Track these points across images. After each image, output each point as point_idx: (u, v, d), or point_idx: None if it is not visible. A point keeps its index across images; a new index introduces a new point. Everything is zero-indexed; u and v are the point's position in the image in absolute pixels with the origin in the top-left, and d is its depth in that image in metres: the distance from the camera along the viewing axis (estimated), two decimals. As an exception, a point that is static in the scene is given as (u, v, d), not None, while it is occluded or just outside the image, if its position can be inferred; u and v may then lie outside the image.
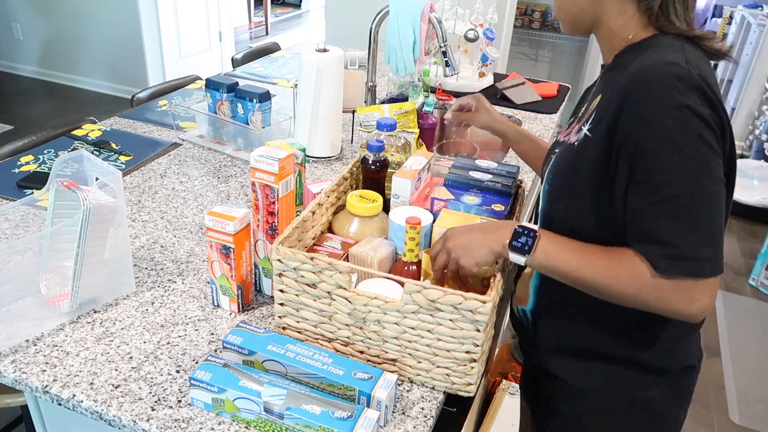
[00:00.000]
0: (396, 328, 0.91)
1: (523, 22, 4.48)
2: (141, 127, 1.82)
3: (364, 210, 1.09)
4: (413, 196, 1.12)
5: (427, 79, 2.14)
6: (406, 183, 1.10)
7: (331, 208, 1.13)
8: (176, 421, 0.86)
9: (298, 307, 0.96)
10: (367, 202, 1.09)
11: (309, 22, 7.62)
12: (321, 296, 0.93)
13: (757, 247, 3.33)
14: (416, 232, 0.95)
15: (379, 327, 0.92)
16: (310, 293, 0.94)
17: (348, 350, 0.97)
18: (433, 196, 1.12)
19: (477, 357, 0.89)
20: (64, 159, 1.10)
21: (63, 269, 1.04)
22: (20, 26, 4.79)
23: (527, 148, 1.34)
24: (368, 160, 1.17)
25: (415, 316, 0.89)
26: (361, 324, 0.93)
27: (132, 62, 4.52)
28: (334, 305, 0.93)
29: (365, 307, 0.91)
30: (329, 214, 1.13)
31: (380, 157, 1.16)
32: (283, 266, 0.94)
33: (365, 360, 0.96)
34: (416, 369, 0.94)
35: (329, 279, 0.91)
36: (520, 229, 0.88)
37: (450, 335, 0.88)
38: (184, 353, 0.98)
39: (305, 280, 0.93)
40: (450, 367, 0.91)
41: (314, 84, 1.54)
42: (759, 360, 2.52)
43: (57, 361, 0.95)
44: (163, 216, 1.36)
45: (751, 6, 4.93)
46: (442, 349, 0.90)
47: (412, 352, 0.92)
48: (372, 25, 1.79)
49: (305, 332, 0.98)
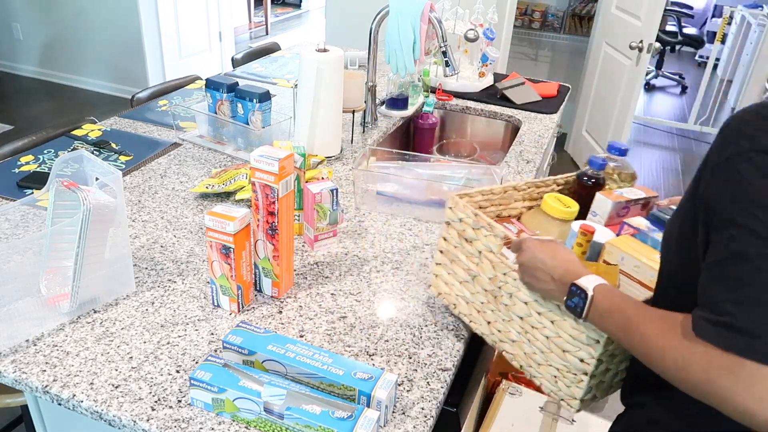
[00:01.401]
0: (524, 307, 0.92)
1: (523, 22, 4.47)
2: (141, 127, 1.82)
3: (556, 211, 1.09)
4: (611, 219, 1.08)
5: (427, 79, 2.14)
6: (606, 203, 1.08)
7: (521, 201, 1.16)
8: (176, 421, 0.86)
9: (452, 258, 1.04)
10: (562, 206, 1.09)
11: (309, 22, 7.62)
12: (473, 254, 0.99)
13: (757, 247, 3.33)
14: (585, 240, 0.95)
15: (510, 302, 0.94)
16: (465, 249, 1.01)
17: (478, 318, 1.02)
18: (626, 221, 1.06)
19: (589, 371, 0.85)
20: (64, 159, 1.10)
21: (63, 269, 1.04)
22: (20, 26, 4.79)
23: None
24: (585, 174, 1.16)
25: (545, 302, 0.89)
26: (497, 293, 0.96)
27: (132, 62, 4.52)
28: (480, 267, 0.98)
29: (504, 276, 0.94)
30: (520, 205, 1.17)
31: (598, 174, 1.15)
32: (452, 215, 1.02)
33: (489, 333, 1.01)
34: (530, 358, 0.94)
35: (484, 239, 0.96)
36: (574, 288, 0.80)
37: (570, 335, 0.87)
38: (184, 353, 0.98)
39: (465, 234, 1.00)
40: (561, 369, 0.89)
41: (314, 84, 1.54)
42: (759, 360, 2.52)
43: (57, 361, 0.95)
44: (163, 216, 1.36)
45: (751, 6, 4.93)
46: (558, 346, 0.89)
47: (531, 339, 0.92)
48: (372, 25, 1.79)
49: (450, 286, 1.06)
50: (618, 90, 3.56)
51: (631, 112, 3.42)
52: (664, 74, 5.99)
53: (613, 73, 3.63)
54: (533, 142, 1.90)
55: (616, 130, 3.55)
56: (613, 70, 3.63)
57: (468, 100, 2.21)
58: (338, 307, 1.11)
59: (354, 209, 1.45)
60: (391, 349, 1.02)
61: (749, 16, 5.06)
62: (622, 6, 3.55)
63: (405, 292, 1.16)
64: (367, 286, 1.17)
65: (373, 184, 1.43)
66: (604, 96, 3.75)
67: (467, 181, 1.46)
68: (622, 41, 3.48)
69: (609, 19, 3.73)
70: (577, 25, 4.41)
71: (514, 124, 2.14)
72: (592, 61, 3.98)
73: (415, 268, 1.24)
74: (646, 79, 5.83)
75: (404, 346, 1.03)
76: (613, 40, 3.65)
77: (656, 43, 3.22)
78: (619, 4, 3.59)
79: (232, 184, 1.42)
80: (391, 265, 1.24)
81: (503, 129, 2.17)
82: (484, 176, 1.48)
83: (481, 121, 2.18)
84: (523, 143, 1.89)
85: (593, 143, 3.90)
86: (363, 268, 1.23)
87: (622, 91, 3.50)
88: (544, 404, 1.70)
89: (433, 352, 1.02)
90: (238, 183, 1.42)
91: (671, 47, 5.96)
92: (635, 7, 3.36)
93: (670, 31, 5.81)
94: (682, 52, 7.11)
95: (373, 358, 1.00)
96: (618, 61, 3.57)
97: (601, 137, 3.79)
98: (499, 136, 2.19)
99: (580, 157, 4.13)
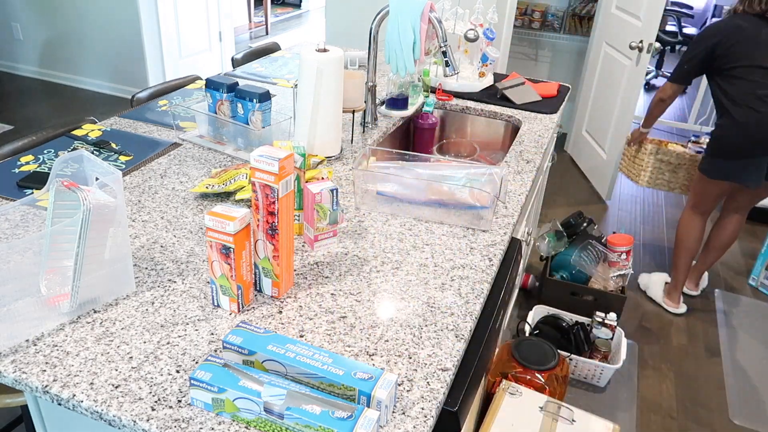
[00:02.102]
0: None
1: (523, 22, 4.47)
2: (141, 127, 1.82)
3: None
4: None
5: (427, 79, 2.14)
6: None
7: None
8: (176, 421, 0.86)
9: None
10: None
11: (309, 22, 7.61)
12: None
13: (757, 247, 3.33)
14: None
15: None
16: None
17: None
18: None
19: None
20: (64, 159, 1.10)
21: (63, 269, 1.04)
22: (20, 26, 4.79)
23: None
24: None
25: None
26: None
27: (132, 62, 4.52)
28: None
29: None
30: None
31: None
32: None
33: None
34: None
35: None
36: None
37: None
38: (184, 353, 0.98)
39: None
40: None
41: (314, 84, 1.54)
42: (759, 360, 2.52)
43: (57, 361, 0.95)
44: (163, 216, 1.36)
45: (751, 6, 4.92)
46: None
47: None
48: (372, 25, 1.79)
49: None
50: (618, 90, 3.56)
51: (631, 112, 3.42)
52: (664, 74, 6.00)
53: (613, 73, 3.63)
54: (533, 142, 1.90)
55: (617, 131, 3.55)
56: (613, 70, 3.63)
57: (468, 100, 2.21)
58: (338, 307, 1.11)
59: (354, 209, 1.45)
60: (391, 349, 1.02)
61: (749, 16, 5.05)
62: (622, 6, 3.55)
63: (405, 292, 1.16)
64: (367, 286, 1.17)
65: (373, 184, 1.43)
66: (605, 96, 3.75)
67: (467, 181, 1.46)
68: (622, 41, 3.48)
69: (609, 19, 3.73)
70: (577, 25, 4.41)
71: (514, 124, 2.14)
72: (592, 61, 3.98)
73: (415, 268, 1.24)
74: (646, 78, 5.83)
75: (404, 346, 1.03)
76: (613, 40, 3.65)
77: (656, 43, 3.22)
78: (619, 4, 3.59)
79: (232, 184, 1.42)
80: (391, 265, 1.24)
81: (503, 129, 2.17)
82: (484, 176, 1.48)
83: (481, 121, 2.18)
84: (523, 143, 1.89)
85: (593, 143, 3.90)
86: (363, 268, 1.23)
87: (623, 91, 3.50)
88: (544, 404, 1.70)
89: (433, 352, 1.02)
90: (238, 183, 1.42)
91: (671, 47, 5.96)
92: (635, 7, 3.36)
93: (670, 31, 5.82)
94: (682, 52, 7.11)
95: (373, 358, 1.00)
96: (618, 61, 3.57)
97: (601, 137, 3.79)
98: (499, 136, 2.19)
99: (580, 156, 4.13)
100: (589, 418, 1.70)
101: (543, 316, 2.39)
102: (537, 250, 2.77)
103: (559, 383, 1.93)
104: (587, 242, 2.57)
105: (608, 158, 3.65)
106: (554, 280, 2.59)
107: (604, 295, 2.51)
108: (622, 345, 2.29)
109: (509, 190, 1.59)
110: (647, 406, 2.25)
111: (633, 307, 2.78)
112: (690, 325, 2.70)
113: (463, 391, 1.04)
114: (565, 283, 2.56)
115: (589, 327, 2.32)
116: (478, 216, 1.39)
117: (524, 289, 2.82)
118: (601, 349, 2.28)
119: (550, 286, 2.59)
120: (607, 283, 2.54)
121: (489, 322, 1.19)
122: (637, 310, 2.77)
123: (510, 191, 1.58)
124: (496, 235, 1.37)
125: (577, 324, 2.31)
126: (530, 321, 2.42)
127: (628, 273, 2.55)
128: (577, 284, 2.55)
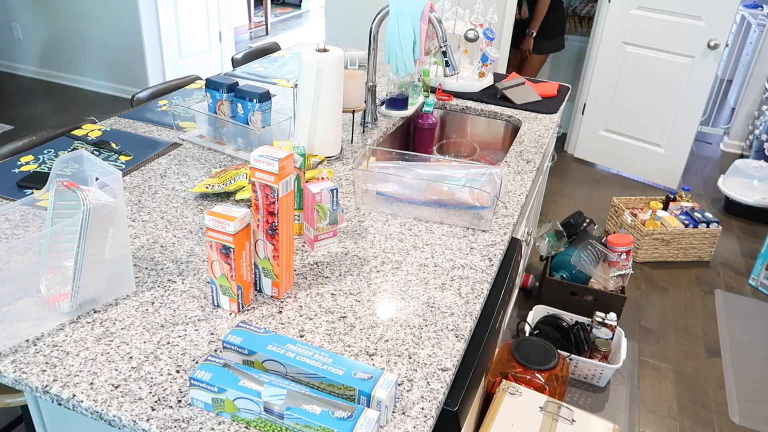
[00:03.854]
0: None
1: (523, 22, 4.47)
2: (141, 127, 1.82)
3: None
4: None
5: (427, 79, 2.14)
6: None
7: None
8: (176, 421, 0.86)
9: None
10: None
11: (309, 22, 7.62)
12: None
13: (757, 247, 3.33)
14: None
15: None
16: None
17: None
18: None
19: None
20: (64, 159, 1.10)
21: (63, 269, 1.04)
22: (20, 26, 4.79)
23: None
24: None
25: None
26: None
27: (132, 62, 4.52)
28: None
29: None
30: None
31: None
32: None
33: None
34: None
35: None
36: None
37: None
38: (184, 353, 0.98)
39: None
40: None
41: (314, 84, 1.54)
42: (759, 360, 2.52)
43: (57, 361, 0.95)
44: (163, 216, 1.36)
45: (751, 6, 4.92)
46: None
47: None
48: (372, 25, 1.79)
49: None
50: (670, 89, 3.72)
51: (699, 109, 3.64)
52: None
53: (660, 73, 3.77)
54: (533, 142, 1.90)
55: (676, 127, 3.73)
56: (658, 70, 3.77)
57: (468, 100, 2.21)
58: (338, 307, 1.11)
59: (354, 209, 1.45)
60: (391, 349, 1.02)
61: (749, 16, 5.06)
62: (657, 6, 3.65)
63: (405, 292, 1.16)
64: (367, 286, 1.17)
65: (373, 184, 1.43)
66: (638, 95, 3.86)
67: (467, 181, 1.46)
68: (667, 42, 3.63)
69: (625, 20, 3.74)
70: (577, 25, 4.41)
71: (514, 124, 2.14)
72: (592, 61, 3.98)
73: (415, 268, 1.24)
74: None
75: (404, 346, 1.03)
76: (643, 41, 3.74)
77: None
78: (646, 4, 3.67)
79: (232, 184, 1.42)
80: (391, 265, 1.24)
81: (503, 129, 2.17)
82: (484, 176, 1.48)
83: (481, 121, 2.18)
84: (523, 143, 1.89)
85: (594, 143, 3.90)
86: (363, 268, 1.23)
87: (682, 93, 3.68)
88: (544, 404, 1.70)
89: (433, 352, 1.02)
90: (238, 183, 1.42)
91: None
92: (687, 8, 3.52)
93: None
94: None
95: (373, 358, 1.00)
96: (665, 60, 3.71)
97: (645, 134, 3.89)
98: (499, 136, 2.19)
99: (581, 156, 4.12)
100: (589, 418, 1.70)
101: (543, 316, 2.39)
102: (537, 250, 2.77)
103: (559, 383, 1.93)
104: (587, 242, 2.58)
105: (666, 152, 3.84)
106: (554, 280, 2.59)
107: (604, 295, 2.51)
108: (622, 345, 2.29)
109: (509, 190, 1.59)
110: (647, 406, 2.25)
111: (633, 307, 2.78)
112: (690, 325, 2.70)
113: (463, 391, 1.04)
114: (565, 283, 2.56)
115: (589, 327, 2.32)
116: (478, 216, 1.39)
117: (524, 289, 2.82)
118: (601, 349, 2.28)
119: (550, 286, 2.59)
120: (607, 283, 2.54)
121: (489, 322, 1.19)
122: (637, 310, 2.77)
123: (510, 191, 1.58)
124: (496, 235, 1.37)
125: (577, 324, 2.31)
126: (530, 321, 2.42)
127: (628, 273, 2.55)
128: (577, 284, 2.55)
